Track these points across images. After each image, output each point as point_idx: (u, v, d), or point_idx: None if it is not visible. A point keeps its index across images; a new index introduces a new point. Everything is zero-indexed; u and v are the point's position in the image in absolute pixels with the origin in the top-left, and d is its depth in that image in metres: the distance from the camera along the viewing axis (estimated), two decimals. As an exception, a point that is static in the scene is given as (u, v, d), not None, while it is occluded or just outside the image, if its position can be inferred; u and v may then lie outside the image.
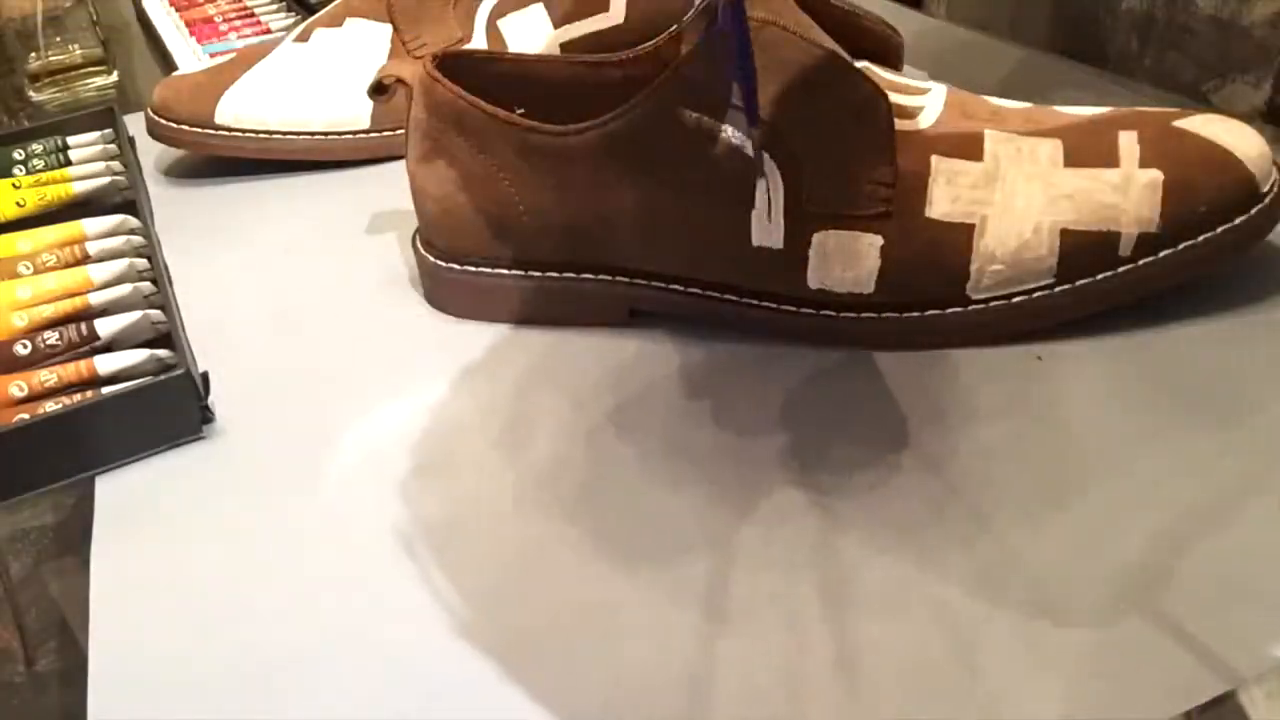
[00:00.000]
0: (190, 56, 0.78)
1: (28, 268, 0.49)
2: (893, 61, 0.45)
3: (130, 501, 0.39)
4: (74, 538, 0.38)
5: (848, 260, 0.40)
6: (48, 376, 0.42)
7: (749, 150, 0.40)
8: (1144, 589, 0.31)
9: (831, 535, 0.34)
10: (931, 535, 0.33)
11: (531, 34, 0.63)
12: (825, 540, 0.34)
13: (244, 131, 0.60)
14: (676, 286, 0.43)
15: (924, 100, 0.42)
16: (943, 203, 0.40)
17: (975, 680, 0.29)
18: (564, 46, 0.63)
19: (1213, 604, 0.30)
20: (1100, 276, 0.40)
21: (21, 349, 0.43)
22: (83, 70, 0.79)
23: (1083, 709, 0.28)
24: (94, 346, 0.44)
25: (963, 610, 0.31)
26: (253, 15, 0.84)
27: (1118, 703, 0.28)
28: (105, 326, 0.44)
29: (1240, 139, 0.40)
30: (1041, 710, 0.28)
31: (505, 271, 0.45)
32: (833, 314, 0.42)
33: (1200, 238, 0.40)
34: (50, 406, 0.41)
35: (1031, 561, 0.32)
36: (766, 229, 0.41)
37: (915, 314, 0.41)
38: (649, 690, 0.30)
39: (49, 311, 0.46)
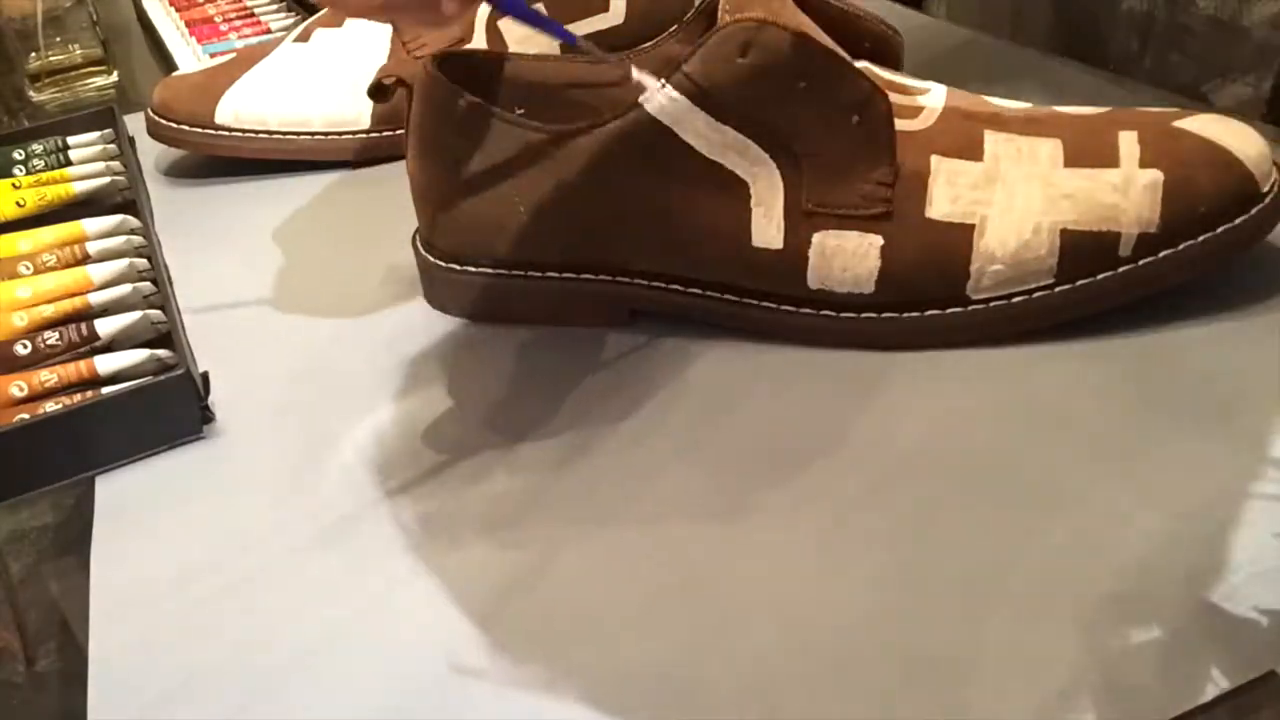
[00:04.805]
0: (190, 56, 0.78)
1: (28, 268, 0.49)
2: (893, 61, 0.45)
3: (130, 501, 0.39)
4: (74, 538, 0.38)
5: (848, 260, 0.40)
6: (48, 376, 0.42)
7: (750, 151, 0.40)
8: (1142, 590, 0.31)
9: (830, 534, 0.34)
10: (928, 535, 0.33)
11: (532, 34, 0.63)
12: (823, 540, 0.34)
13: (244, 131, 0.60)
14: (676, 286, 0.43)
15: (924, 100, 0.42)
16: (943, 203, 0.40)
17: (973, 681, 0.29)
18: (564, 47, 0.63)
19: (1211, 606, 0.30)
20: (1100, 276, 0.40)
21: (21, 349, 0.43)
22: (83, 70, 0.79)
23: (1079, 710, 0.28)
24: (94, 346, 0.44)
25: (960, 610, 0.31)
26: (253, 15, 0.84)
27: (1115, 704, 0.28)
28: (105, 326, 0.44)
29: (1240, 139, 0.40)
30: (1039, 711, 0.28)
31: (505, 271, 0.45)
32: (833, 314, 0.42)
33: (1200, 238, 0.40)
34: (50, 406, 0.41)
35: (1029, 562, 0.32)
36: (766, 229, 0.41)
37: (915, 314, 0.41)
38: (647, 688, 0.30)
39: (49, 311, 0.46)
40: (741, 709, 0.29)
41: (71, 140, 0.62)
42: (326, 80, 0.60)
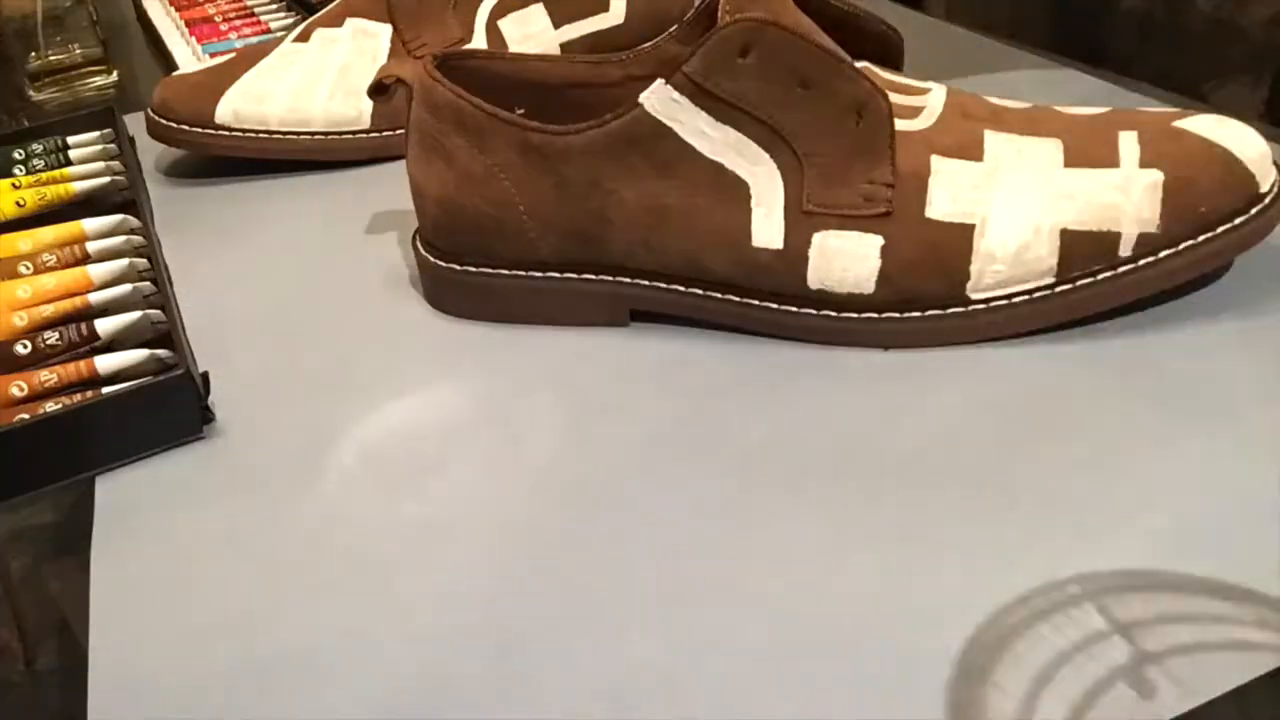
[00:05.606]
0: (190, 56, 0.79)
1: (28, 268, 0.49)
2: (893, 61, 0.45)
3: (130, 501, 0.39)
4: (74, 538, 0.38)
5: (848, 260, 0.40)
6: (48, 376, 0.42)
7: (750, 151, 0.40)
8: (1143, 590, 0.31)
9: (827, 536, 0.34)
10: (928, 535, 0.33)
11: (531, 34, 0.63)
12: (821, 541, 0.34)
13: (244, 131, 0.60)
14: (676, 286, 0.43)
15: (924, 100, 0.42)
16: (943, 203, 0.40)
17: (973, 681, 0.29)
18: (564, 46, 0.64)
19: (1211, 606, 0.30)
20: (1100, 277, 0.40)
21: (21, 349, 0.43)
22: (83, 70, 0.79)
23: (1080, 711, 0.28)
24: (94, 346, 0.44)
25: (959, 611, 0.31)
26: (253, 15, 0.84)
27: (1115, 705, 0.28)
28: (105, 326, 0.44)
29: (1240, 139, 0.40)
30: (1039, 712, 0.28)
31: (505, 271, 0.45)
32: (833, 314, 0.42)
33: (1200, 238, 0.40)
34: (50, 406, 0.41)
35: (1030, 562, 0.32)
36: (766, 229, 0.41)
37: (915, 314, 0.41)
38: (649, 688, 0.30)
39: (49, 311, 0.46)
40: (740, 708, 0.29)
41: (71, 140, 0.62)
42: (326, 80, 0.60)
